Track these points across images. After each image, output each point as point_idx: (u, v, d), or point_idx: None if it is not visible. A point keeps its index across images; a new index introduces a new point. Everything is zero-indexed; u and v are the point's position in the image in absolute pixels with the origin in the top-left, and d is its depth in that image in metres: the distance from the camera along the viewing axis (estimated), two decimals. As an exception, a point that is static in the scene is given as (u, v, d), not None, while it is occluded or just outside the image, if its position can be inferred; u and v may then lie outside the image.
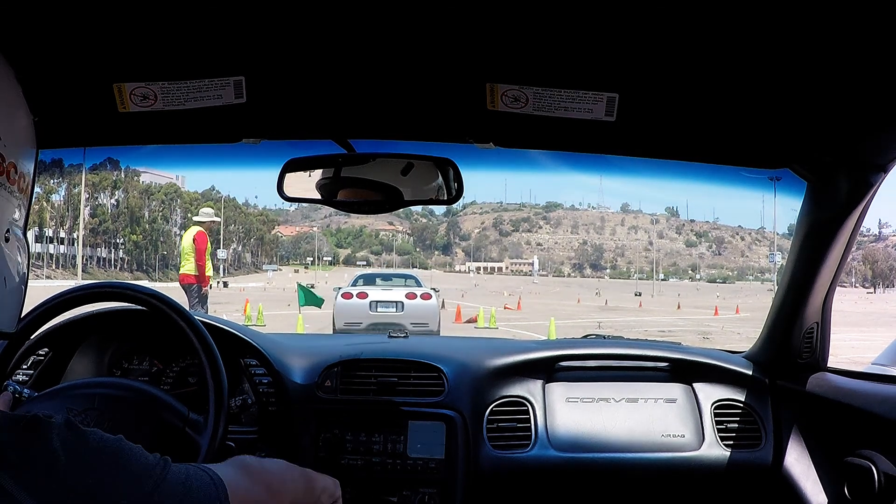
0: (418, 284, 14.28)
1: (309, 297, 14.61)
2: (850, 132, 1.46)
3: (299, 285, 14.85)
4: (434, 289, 14.16)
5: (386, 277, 15.32)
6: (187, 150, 1.80)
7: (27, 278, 0.78)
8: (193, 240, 8.59)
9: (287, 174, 1.57)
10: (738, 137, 1.58)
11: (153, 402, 1.36)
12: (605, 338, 2.36)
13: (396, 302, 12.68)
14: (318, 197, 1.63)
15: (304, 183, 1.61)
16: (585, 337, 2.40)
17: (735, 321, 22.72)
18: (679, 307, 35.64)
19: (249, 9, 1.08)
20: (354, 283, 13.88)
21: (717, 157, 1.71)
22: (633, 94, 1.33)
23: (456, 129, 1.61)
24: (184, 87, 1.32)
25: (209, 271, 8.76)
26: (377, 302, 12.66)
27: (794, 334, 1.89)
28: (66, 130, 1.56)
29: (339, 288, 13.70)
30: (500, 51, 1.23)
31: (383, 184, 1.59)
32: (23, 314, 1.42)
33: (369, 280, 14.70)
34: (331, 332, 11.84)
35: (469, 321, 18.54)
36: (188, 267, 8.59)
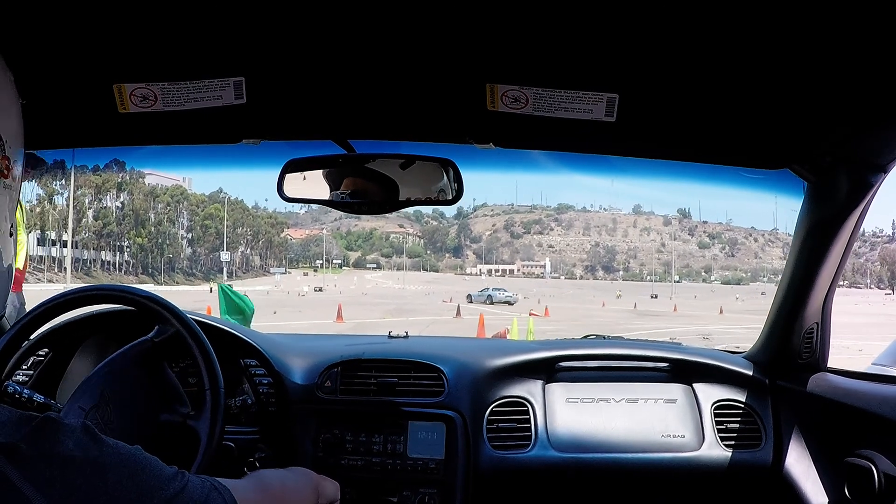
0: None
1: (231, 306, 8.83)
2: (850, 132, 1.45)
3: (221, 288, 9.11)
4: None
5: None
6: (187, 151, 1.79)
7: (13, 265, 0.80)
8: None
9: (287, 174, 1.57)
10: (737, 138, 1.58)
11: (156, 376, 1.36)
12: (605, 338, 2.36)
13: None
14: (318, 197, 1.63)
15: (305, 183, 1.62)
16: (585, 337, 2.40)
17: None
18: (721, 311, 34.42)
19: (249, 9, 1.08)
20: None
21: (716, 157, 1.71)
22: (634, 94, 1.33)
23: (456, 130, 1.61)
24: (184, 87, 1.31)
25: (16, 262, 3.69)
26: None
27: (794, 334, 1.89)
28: (65, 131, 1.57)
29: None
30: (501, 51, 1.22)
31: (383, 179, 1.59)
32: (22, 315, 1.44)
33: None
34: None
35: (497, 335, 12.55)
36: None
